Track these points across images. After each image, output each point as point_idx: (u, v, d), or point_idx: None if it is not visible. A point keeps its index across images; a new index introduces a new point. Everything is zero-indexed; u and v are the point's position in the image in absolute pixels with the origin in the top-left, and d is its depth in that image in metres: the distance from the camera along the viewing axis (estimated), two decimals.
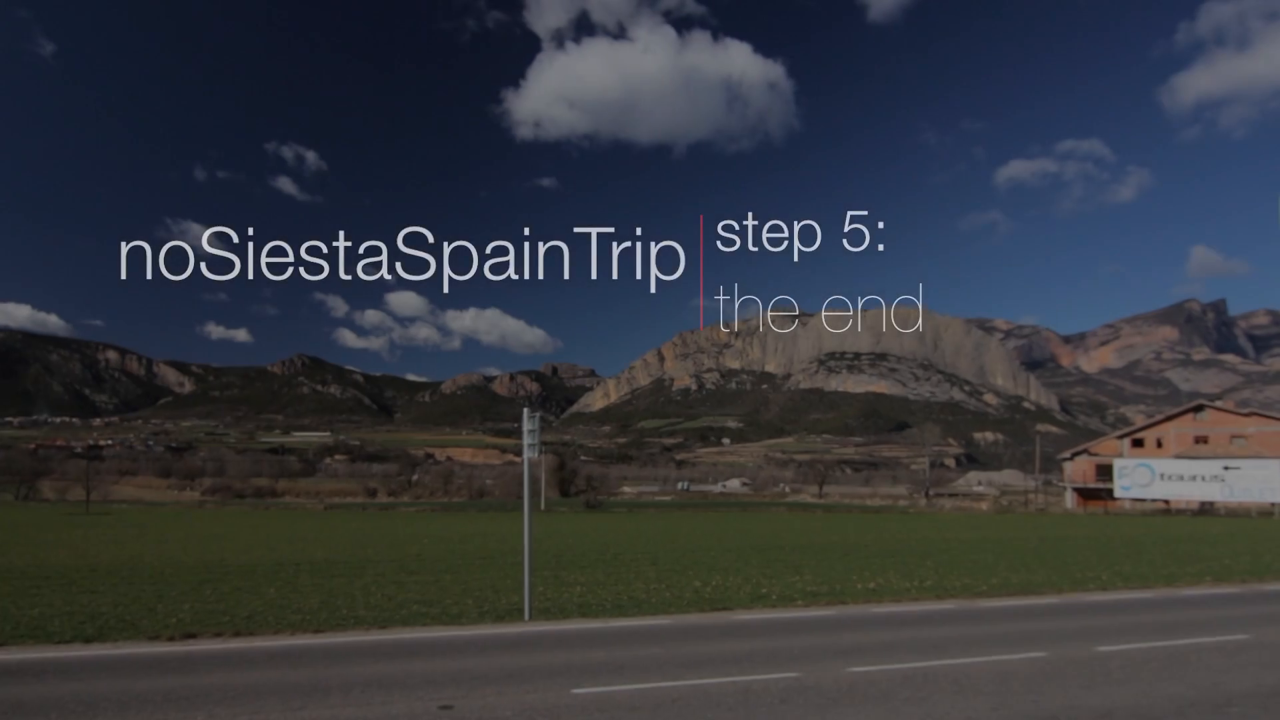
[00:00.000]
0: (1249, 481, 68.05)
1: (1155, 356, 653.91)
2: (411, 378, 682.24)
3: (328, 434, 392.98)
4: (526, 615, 14.61)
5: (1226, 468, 69.88)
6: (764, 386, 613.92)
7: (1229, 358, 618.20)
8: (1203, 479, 71.08)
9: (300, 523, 53.18)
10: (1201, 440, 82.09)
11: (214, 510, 79.51)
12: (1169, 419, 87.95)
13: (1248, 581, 20.92)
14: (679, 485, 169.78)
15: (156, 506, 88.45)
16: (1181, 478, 72.39)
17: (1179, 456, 78.07)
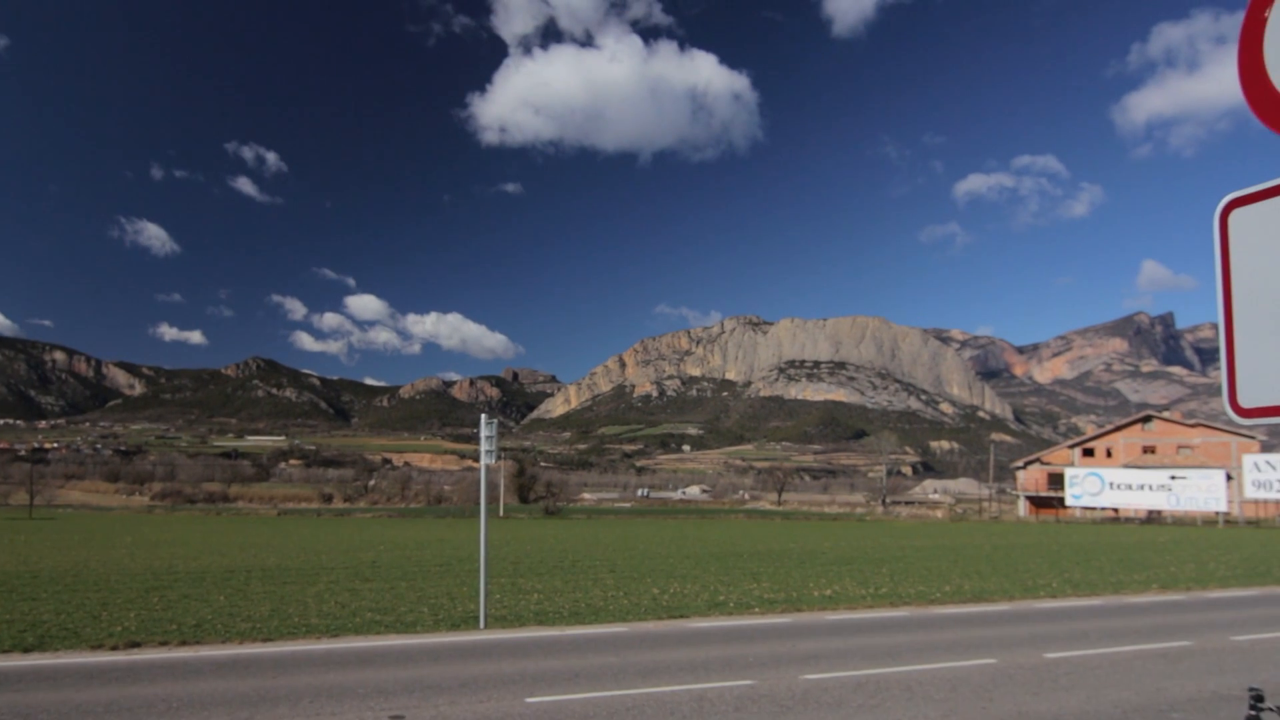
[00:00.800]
0: (1194, 491, 69.72)
1: (1106, 368, 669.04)
2: (370, 382, 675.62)
3: (283, 438, 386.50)
4: (482, 623, 14.48)
5: (1173, 477, 71.52)
6: (724, 394, 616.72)
7: (1176, 370, 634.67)
8: (1150, 488, 72.69)
9: (253, 528, 52.20)
10: (1149, 450, 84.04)
11: (163, 515, 77.74)
12: (1118, 429, 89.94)
13: (1191, 589, 21.42)
14: (639, 492, 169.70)
15: (104, 511, 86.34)
16: (1130, 487, 73.96)
17: (1127, 466, 79.80)
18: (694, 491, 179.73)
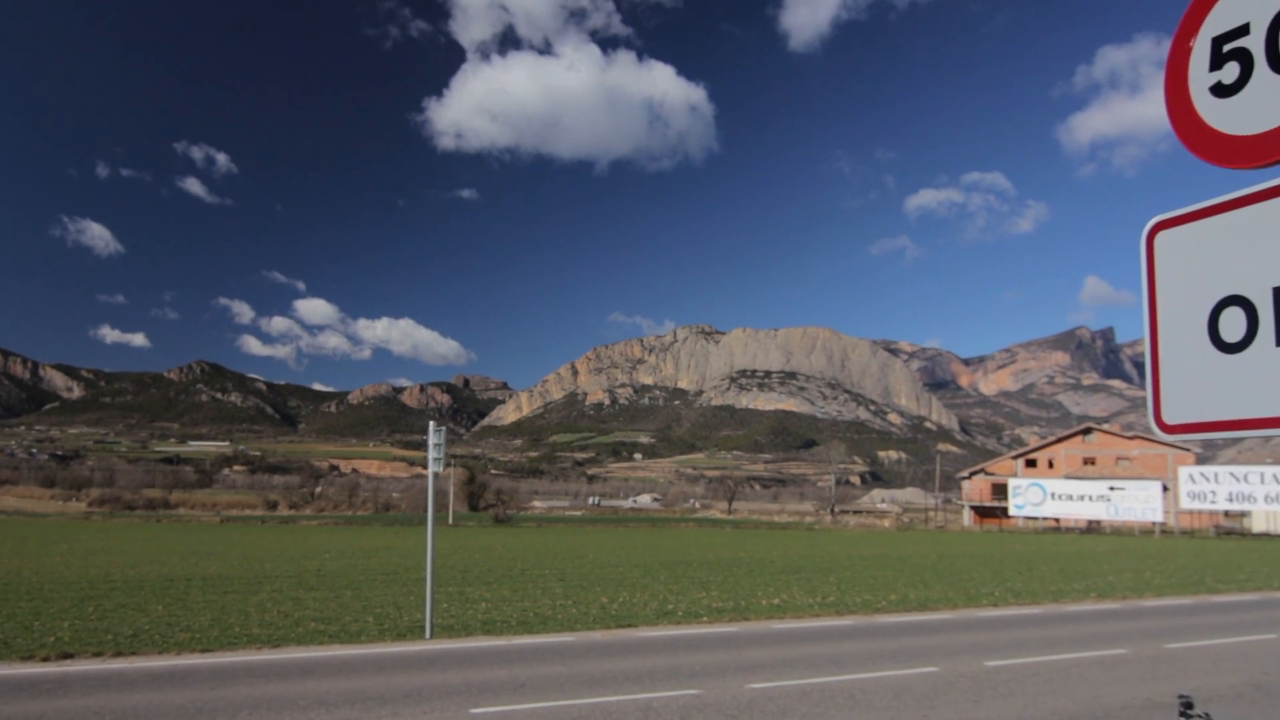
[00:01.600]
0: (1132, 501, 71.66)
1: (1048, 380, 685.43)
2: (318, 387, 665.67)
3: (226, 444, 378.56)
4: (428, 633, 14.30)
5: (1112, 488, 73.43)
6: (676, 403, 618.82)
7: (1116, 383, 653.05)
8: (1090, 498, 74.53)
9: (194, 536, 50.89)
10: (1089, 461, 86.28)
11: (101, 522, 75.38)
12: (1060, 441, 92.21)
13: (1128, 598, 22.00)
14: (590, 500, 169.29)
15: (38, 518, 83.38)
16: (1070, 497, 75.75)
17: (1068, 477, 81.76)
18: (645, 500, 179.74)
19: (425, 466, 15.79)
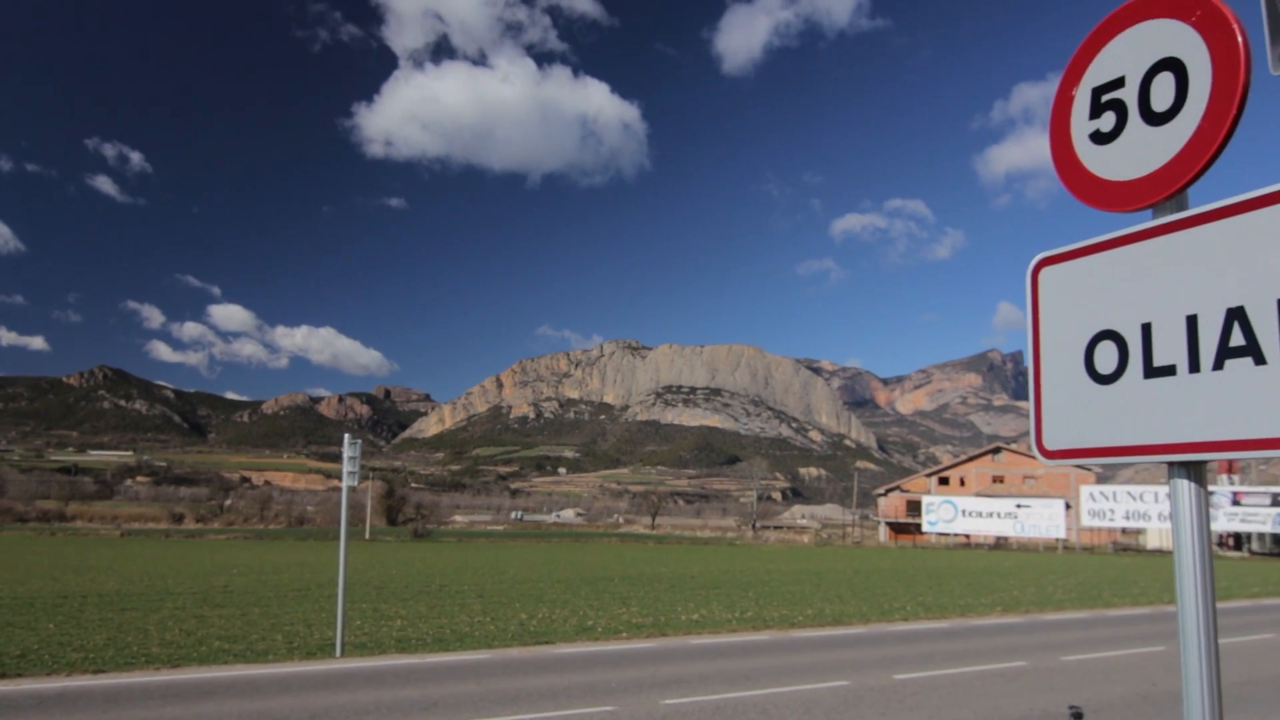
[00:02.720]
0: (1037, 519, 74.45)
1: (962, 401, 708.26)
2: (231, 396, 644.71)
3: (130, 453, 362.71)
4: (339, 651, 13.94)
5: (1019, 505, 76.17)
6: (602, 417, 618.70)
7: (1024, 404, 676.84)
8: (998, 515, 77.13)
9: (92, 550, 48.54)
10: (998, 480, 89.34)
11: None
12: (971, 459, 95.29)
13: (1030, 612, 22.82)
14: (512, 515, 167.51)
15: None
16: (980, 514, 78.28)
17: (979, 494, 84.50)
18: (568, 515, 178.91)
19: (341, 479, 15.43)
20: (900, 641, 16.86)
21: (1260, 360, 1.99)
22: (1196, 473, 2.15)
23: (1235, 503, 65.53)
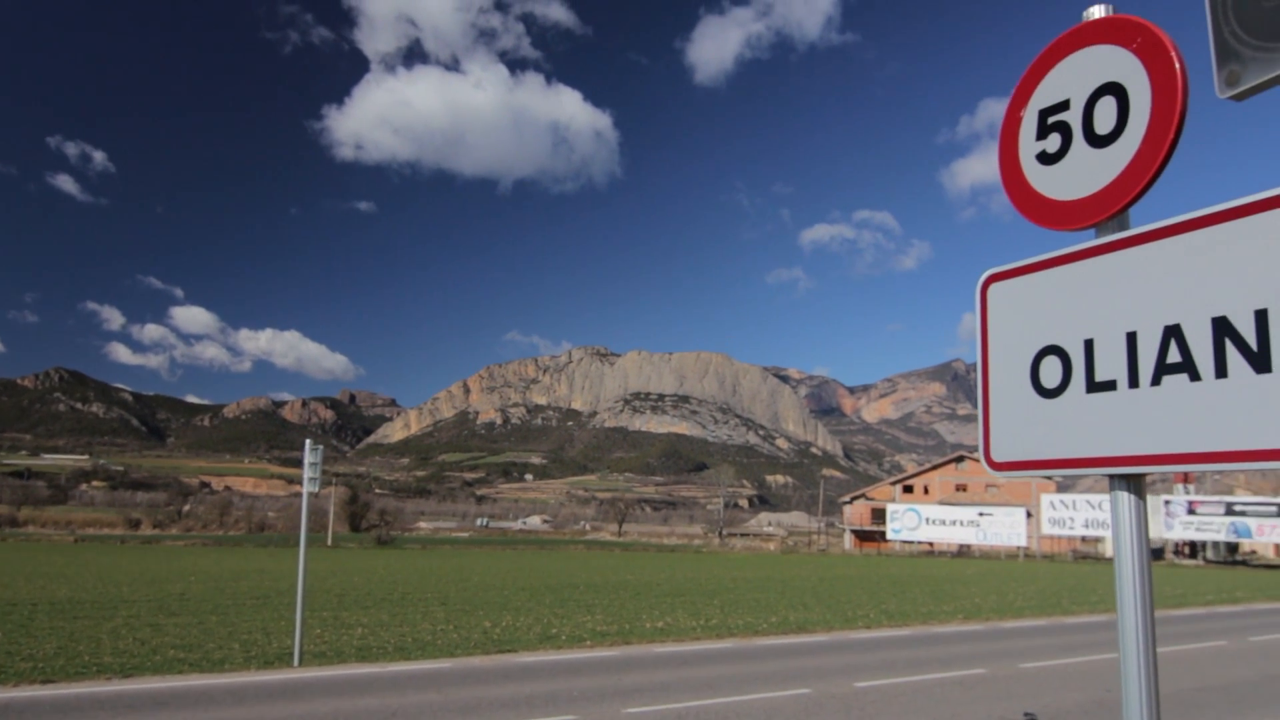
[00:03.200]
0: (999, 527, 75.50)
1: (926, 410, 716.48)
2: (192, 399, 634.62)
3: (85, 457, 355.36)
4: (297, 660, 13.76)
5: (981, 514, 77.20)
6: (570, 424, 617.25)
7: None
8: (961, 524, 78.11)
9: (44, 556, 47.45)
10: (961, 488, 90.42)
11: None
12: (935, 468, 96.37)
13: (991, 619, 23.11)
14: (478, 521, 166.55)
15: None
16: (944, 522, 79.20)
17: (942, 503, 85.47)
18: (535, 522, 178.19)
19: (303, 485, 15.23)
20: (863, 649, 16.99)
21: (1195, 377, 2.06)
22: (1136, 485, 2.22)
23: (1191, 511, 66.96)
